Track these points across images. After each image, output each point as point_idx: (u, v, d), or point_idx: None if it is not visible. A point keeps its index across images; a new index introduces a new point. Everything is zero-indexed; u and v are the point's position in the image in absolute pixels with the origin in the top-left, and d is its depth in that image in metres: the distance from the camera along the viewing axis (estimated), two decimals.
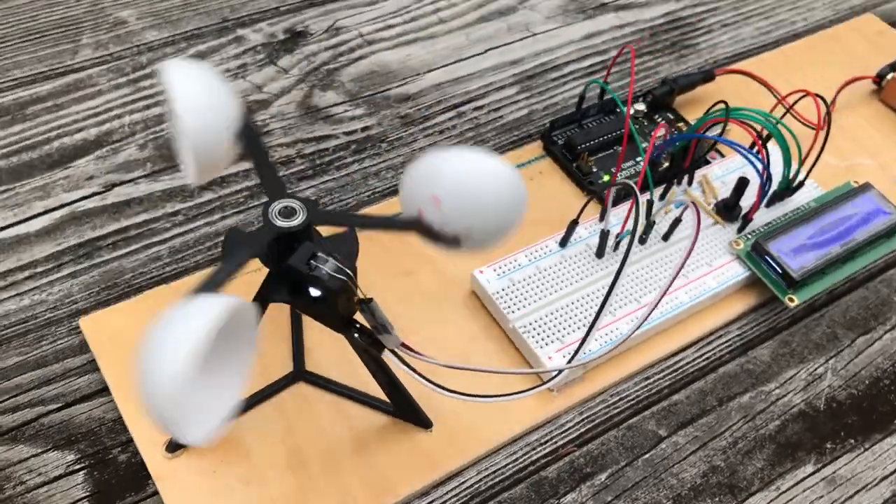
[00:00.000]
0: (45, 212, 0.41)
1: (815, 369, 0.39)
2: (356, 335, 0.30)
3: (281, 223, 0.28)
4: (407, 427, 0.35)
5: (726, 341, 0.39)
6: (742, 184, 0.40)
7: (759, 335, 0.40)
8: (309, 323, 0.36)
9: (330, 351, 0.36)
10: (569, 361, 0.34)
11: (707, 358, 0.39)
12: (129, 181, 0.42)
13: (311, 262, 0.28)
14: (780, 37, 0.54)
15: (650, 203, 0.40)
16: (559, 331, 0.37)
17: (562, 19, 0.53)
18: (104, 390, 0.35)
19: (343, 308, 0.28)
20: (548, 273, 0.38)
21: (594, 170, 0.44)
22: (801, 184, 0.42)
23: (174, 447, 0.33)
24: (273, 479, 0.33)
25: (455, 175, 0.27)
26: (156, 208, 0.41)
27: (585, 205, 0.38)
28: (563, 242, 0.39)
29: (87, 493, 0.32)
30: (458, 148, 0.28)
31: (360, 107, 0.47)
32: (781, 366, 0.39)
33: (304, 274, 0.27)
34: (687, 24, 0.54)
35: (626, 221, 0.39)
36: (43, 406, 0.35)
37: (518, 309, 0.37)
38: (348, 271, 0.28)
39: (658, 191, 0.42)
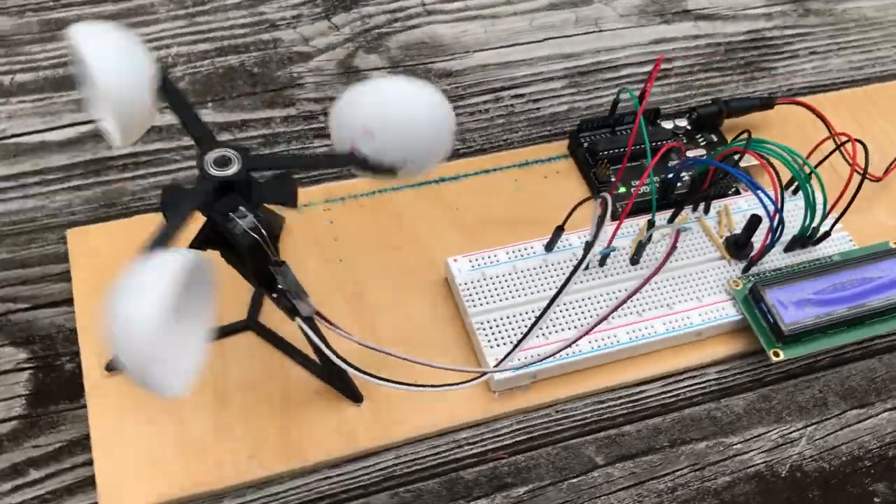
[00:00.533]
0: (72, 125, 0.43)
1: (790, 433, 0.36)
2: (274, 296, 0.30)
3: (215, 172, 0.28)
4: (338, 398, 0.34)
5: (700, 383, 0.37)
6: (754, 222, 0.37)
7: (739, 384, 0.37)
8: None
9: None
10: (495, 366, 0.32)
11: (674, 395, 0.37)
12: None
13: (231, 214, 0.28)
14: (873, 75, 0.50)
15: (651, 223, 0.38)
16: (515, 335, 0.36)
17: (635, 20, 0.51)
18: (71, 301, 0.36)
19: (257, 267, 0.28)
20: (524, 275, 0.37)
21: (612, 179, 0.42)
22: (826, 235, 0.39)
23: (112, 367, 0.34)
24: (194, 416, 0.33)
25: (381, 105, 0.27)
26: (171, 139, 0.43)
27: (572, 212, 0.37)
28: (549, 247, 0.38)
29: (27, 392, 0.34)
30: (383, 77, 0.27)
31: (398, 74, 0.47)
32: (752, 421, 0.36)
33: (222, 226, 0.28)
34: (770, 45, 0.51)
35: (612, 237, 0.37)
36: (13, 303, 0.37)
37: (480, 304, 0.36)
38: (263, 232, 0.27)
39: (667, 213, 0.40)
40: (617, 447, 0.35)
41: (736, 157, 0.37)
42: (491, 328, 0.36)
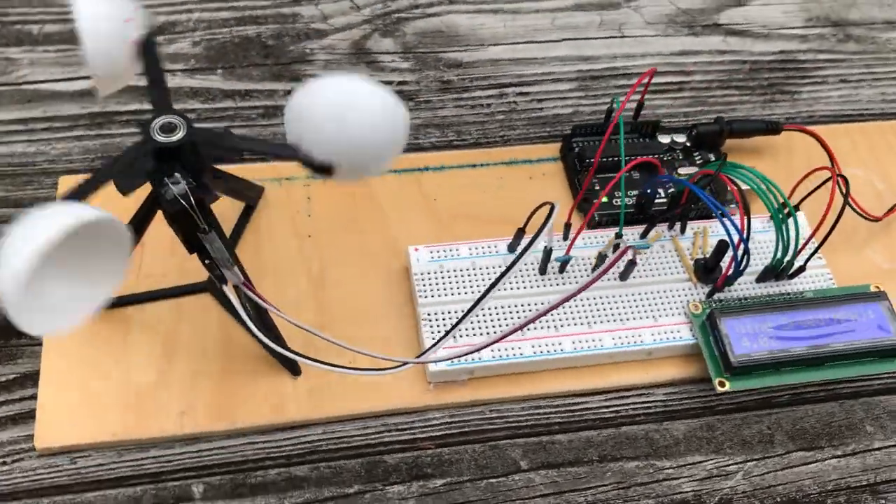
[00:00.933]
0: (87, 77, 0.45)
1: (727, 465, 0.35)
2: (206, 262, 0.31)
3: (159, 137, 0.29)
4: (279, 369, 0.35)
5: (644, 402, 0.37)
6: (722, 247, 0.37)
7: (686, 409, 0.37)
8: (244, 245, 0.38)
9: (251, 275, 0.37)
10: (417, 356, 0.33)
11: (614, 411, 0.36)
12: (168, 71, 0.45)
13: (166, 179, 0.29)
14: None
15: (618, 236, 0.37)
16: (460, 331, 0.36)
17: (662, 28, 0.50)
18: None
19: (185, 233, 0.30)
20: (482, 272, 0.37)
21: (596, 187, 0.41)
22: (801, 269, 0.37)
23: None
24: (139, 368, 0.35)
25: (329, 105, 0.27)
26: (177, 102, 0.44)
27: (532, 214, 0.37)
28: (511, 248, 0.38)
29: None
30: (340, 75, 0.28)
31: (408, 61, 0.47)
32: (690, 448, 0.36)
33: (155, 190, 0.29)
34: (799, 69, 0.49)
35: (570, 246, 0.37)
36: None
37: (432, 296, 0.37)
38: (191, 199, 0.29)
39: (640, 228, 0.39)
40: (544, 454, 0.35)
41: (706, 180, 0.36)
42: (436, 320, 0.36)
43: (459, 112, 0.45)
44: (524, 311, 0.36)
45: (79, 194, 0.26)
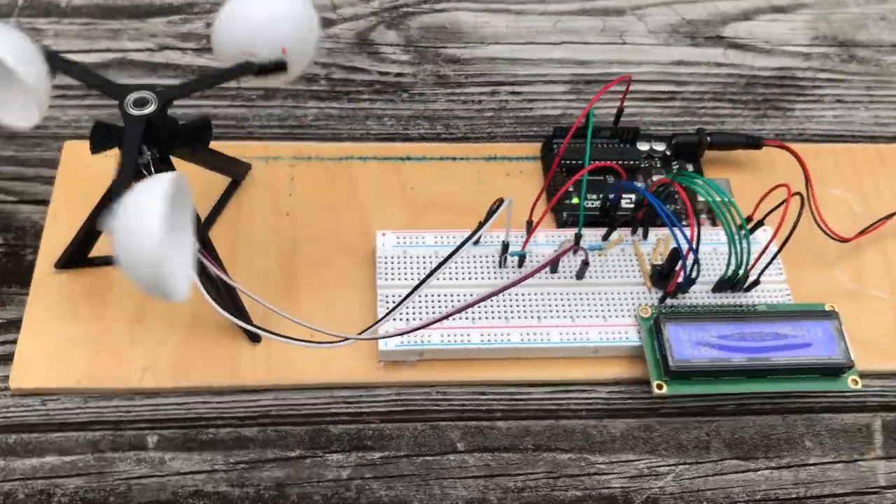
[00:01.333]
0: (107, 50, 0.48)
1: (658, 466, 0.36)
2: None
3: (132, 111, 0.32)
4: (240, 335, 0.38)
5: (587, 398, 0.38)
6: (675, 256, 0.38)
7: (626, 409, 0.38)
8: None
9: (226, 247, 0.40)
10: (359, 333, 0.35)
11: (557, 404, 0.38)
12: (179, 49, 0.48)
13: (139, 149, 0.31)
14: None
15: (578, 237, 0.39)
16: (413, 314, 0.37)
17: (664, 38, 0.51)
18: (48, 203, 0.41)
19: None
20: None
21: (571, 189, 0.42)
22: (755, 283, 0.38)
23: (60, 264, 0.39)
24: (111, 324, 0.38)
25: (250, 18, 0.32)
26: (184, 76, 0.47)
27: (497, 208, 0.38)
28: (476, 241, 0.39)
29: None
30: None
31: (408, 53, 0.49)
32: (625, 446, 0.37)
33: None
34: (796, 86, 0.49)
35: (525, 243, 0.38)
36: (5, 195, 0.42)
37: (392, 279, 0.38)
38: (152, 170, 0.31)
39: (601, 231, 0.40)
40: (482, 438, 0.36)
41: (662, 189, 0.37)
42: (392, 302, 0.38)
43: (451, 106, 0.47)
44: (481, 303, 0.38)
45: (54, 58, 0.31)
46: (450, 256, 0.33)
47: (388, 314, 0.34)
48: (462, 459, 0.36)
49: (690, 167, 0.44)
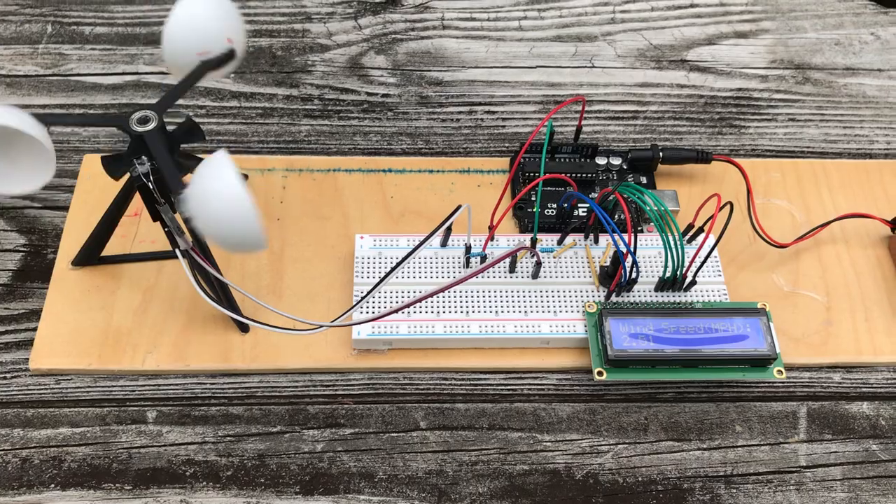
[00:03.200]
0: (123, 73, 0.53)
1: (600, 445, 0.40)
2: (165, 229, 0.38)
3: (135, 127, 0.37)
4: (231, 325, 0.43)
5: (539, 384, 0.42)
6: (617, 258, 0.42)
7: (574, 394, 0.42)
8: None
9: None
10: (332, 321, 0.39)
11: (511, 389, 0.42)
12: None
13: (135, 159, 0.36)
14: (847, 150, 0.52)
15: (533, 242, 0.43)
16: (384, 307, 0.42)
17: (630, 61, 0.55)
18: (68, 209, 0.47)
19: (148, 204, 0.37)
20: (414, 262, 0.44)
21: (532, 198, 0.47)
22: (692, 283, 0.42)
23: (76, 262, 0.44)
24: (119, 313, 0.43)
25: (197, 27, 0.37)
26: (191, 97, 0.52)
27: (452, 213, 0.42)
28: (443, 243, 0.44)
29: (14, 269, 0.45)
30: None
31: (395, 76, 0.54)
32: (571, 427, 0.41)
33: (129, 168, 0.36)
34: (751, 105, 0.53)
35: (485, 244, 0.43)
36: (31, 201, 0.47)
37: (367, 277, 0.43)
38: (151, 178, 0.36)
39: (557, 236, 0.45)
40: (442, 418, 0.41)
41: (610, 197, 0.42)
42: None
43: (431, 124, 0.52)
44: (444, 298, 0.42)
45: (47, 117, 0.35)
46: (412, 252, 0.38)
47: (358, 303, 0.39)
48: (423, 436, 0.40)
49: (644, 180, 0.48)
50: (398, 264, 0.38)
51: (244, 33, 0.39)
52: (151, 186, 0.36)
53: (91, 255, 0.44)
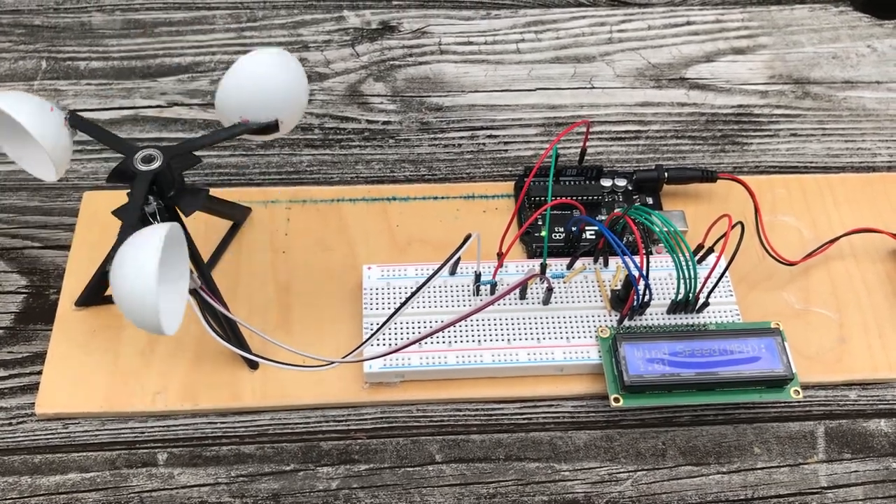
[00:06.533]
0: (119, 108, 0.53)
1: (619, 472, 0.40)
2: None
3: (143, 167, 0.37)
4: (240, 362, 0.42)
5: (554, 412, 0.42)
6: (629, 282, 0.41)
7: (590, 421, 0.41)
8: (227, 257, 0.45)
9: (228, 282, 0.44)
10: (344, 357, 0.39)
11: (526, 418, 0.42)
12: (187, 105, 0.53)
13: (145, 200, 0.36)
14: (850, 164, 0.51)
15: (543, 267, 0.43)
16: (395, 339, 0.42)
17: (630, 81, 0.55)
18: (69, 248, 0.46)
19: None
20: (423, 291, 0.43)
21: (539, 223, 0.47)
22: (705, 305, 0.42)
23: (80, 302, 0.43)
24: (125, 354, 0.42)
25: (247, 83, 0.36)
26: (192, 131, 0.52)
27: (462, 244, 0.42)
28: (452, 271, 0.44)
29: (17, 310, 0.44)
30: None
31: (395, 103, 0.53)
32: (588, 455, 0.40)
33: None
34: (753, 122, 0.53)
35: (495, 271, 0.42)
36: (31, 241, 0.47)
37: (376, 308, 0.43)
38: (158, 218, 0.35)
39: (566, 260, 0.44)
40: (458, 450, 0.40)
41: (618, 221, 0.42)
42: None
43: (433, 150, 0.51)
44: (456, 328, 0.42)
45: (75, 118, 0.36)
46: (423, 285, 0.37)
47: (369, 338, 0.38)
48: (440, 470, 0.40)
49: (651, 201, 0.48)
50: (408, 299, 0.38)
51: (300, 112, 0.39)
52: None
53: (95, 295, 0.43)
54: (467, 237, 0.39)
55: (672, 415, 0.42)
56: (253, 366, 0.42)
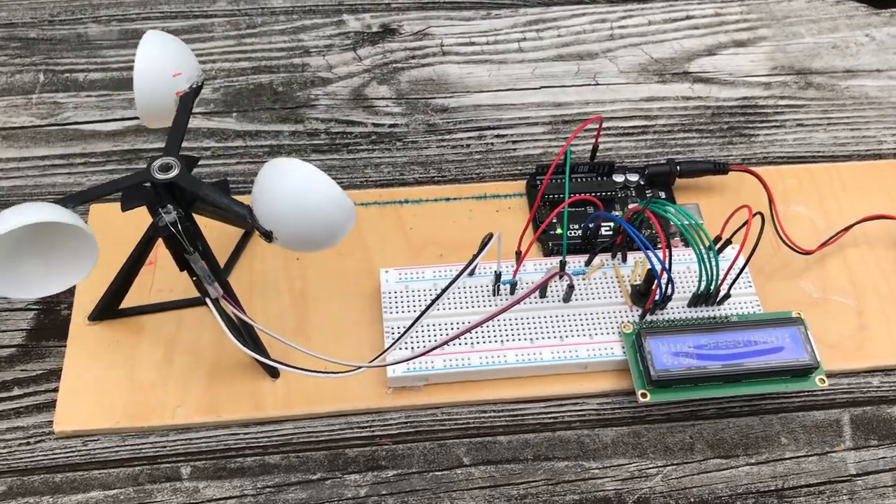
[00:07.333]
0: (121, 119, 0.52)
1: (648, 468, 0.40)
2: (194, 279, 0.37)
3: (158, 175, 0.36)
4: (260, 371, 0.41)
5: (579, 410, 0.41)
6: (651, 276, 0.41)
7: (615, 418, 0.41)
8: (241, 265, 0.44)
9: (243, 291, 0.43)
10: (370, 361, 0.38)
11: (552, 417, 0.41)
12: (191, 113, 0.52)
13: (160, 209, 0.35)
14: (857, 152, 0.52)
15: (562, 264, 0.42)
16: (417, 342, 0.41)
17: (634, 77, 0.55)
18: None
19: (175, 254, 0.36)
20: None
21: (554, 220, 0.46)
22: (726, 296, 0.42)
23: (93, 317, 0.43)
24: (142, 368, 0.41)
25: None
26: (195, 139, 0.51)
27: (487, 242, 0.42)
28: (471, 272, 0.43)
29: (28, 328, 0.43)
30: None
31: (400, 105, 0.53)
32: (616, 452, 0.40)
33: (152, 216, 0.35)
34: (759, 113, 0.53)
35: (516, 270, 0.42)
36: None
37: (396, 312, 0.42)
38: (179, 227, 0.35)
39: (584, 257, 0.44)
40: (486, 452, 0.40)
41: (636, 215, 0.41)
42: (398, 333, 0.41)
43: (442, 151, 0.51)
44: (478, 329, 0.41)
45: (69, 200, 0.33)
46: (448, 286, 0.37)
47: (394, 342, 0.37)
48: (468, 472, 0.39)
49: (663, 195, 0.48)
50: (436, 299, 0.37)
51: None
52: (180, 235, 0.35)
53: (109, 309, 0.42)
54: (489, 237, 0.38)
55: (697, 408, 0.42)
56: (274, 375, 0.41)
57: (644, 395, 0.40)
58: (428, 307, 0.37)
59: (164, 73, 0.38)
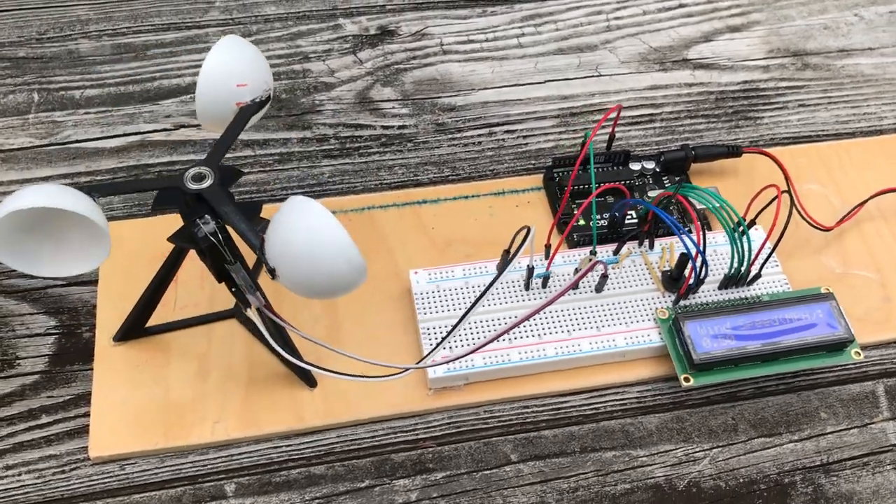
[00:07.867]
0: (124, 135, 0.51)
1: (695, 452, 0.40)
2: (232, 289, 0.36)
3: (191, 185, 0.35)
4: (297, 381, 0.41)
5: (621, 399, 0.41)
6: (683, 260, 0.41)
7: (657, 405, 0.41)
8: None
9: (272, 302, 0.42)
10: (417, 363, 0.38)
11: (594, 408, 0.41)
12: (194, 126, 0.51)
13: (198, 220, 0.34)
14: (859, 129, 0.52)
15: (593, 253, 0.42)
16: (455, 342, 0.41)
17: (635, 66, 0.55)
18: (97, 282, 0.44)
19: (215, 264, 0.35)
20: (475, 290, 0.42)
21: (575, 212, 0.46)
22: (757, 276, 0.42)
23: (119, 337, 0.41)
24: (176, 385, 0.40)
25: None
26: (203, 152, 0.50)
27: (515, 237, 0.41)
28: (499, 267, 0.43)
29: (50, 353, 0.42)
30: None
31: (406, 106, 0.53)
32: (662, 438, 0.40)
33: (188, 228, 0.34)
34: (761, 96, 0.54)
35: (549, 263, 0.42)
36: (53, 280, 0.45)
37: (431, 312, 0.42)
38: (220, 237, 0.34)
39: (611, 247, 0.44)
40: (532, 447, 0.40)
41: (666, 200, 0.41)
42: (435, 334, 0.41)
43: (453, 150, 0.51)
44: (510, 323, 0.41)
45: (94, 189, 0.33)
46: (491, 284, 0.36)
47: (440, 343, 0.37)
48: (517, 469, 0.39)
49: (679, 180, 0.48)
50: (480, 297, 0.37)
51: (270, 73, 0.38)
52: (221, 246, 0.34)
53: (135, 328, 0.41)
54: (525, 231, 0.38)
55: (736, 389, 0.42)
56: (311, 384, 0.40)
57: (687, 380, 0.40)
58: (473, 305, 0.37)
59: (229, 81, 0.37)
